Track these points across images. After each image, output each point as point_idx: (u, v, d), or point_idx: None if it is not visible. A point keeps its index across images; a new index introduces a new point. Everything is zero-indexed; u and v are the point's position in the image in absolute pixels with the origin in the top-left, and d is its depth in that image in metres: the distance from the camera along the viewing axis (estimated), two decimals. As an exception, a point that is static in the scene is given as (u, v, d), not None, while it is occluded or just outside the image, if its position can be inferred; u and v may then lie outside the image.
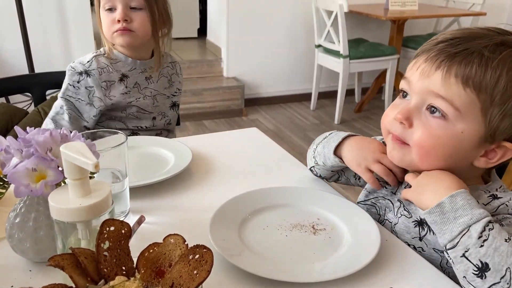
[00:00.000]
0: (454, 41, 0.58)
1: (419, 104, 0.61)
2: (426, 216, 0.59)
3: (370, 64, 3.07)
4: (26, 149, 0.51)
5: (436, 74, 0.58)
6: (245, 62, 3.41)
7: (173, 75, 1.25)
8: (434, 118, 0.60)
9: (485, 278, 0.52)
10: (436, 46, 0.59)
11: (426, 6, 3.38)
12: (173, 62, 1.27)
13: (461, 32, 0.60)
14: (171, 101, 1.25)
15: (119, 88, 1.13)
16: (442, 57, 0.58)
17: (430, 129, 0.60)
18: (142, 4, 1.08)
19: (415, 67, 0.61)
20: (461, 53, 0.57)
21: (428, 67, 0.59)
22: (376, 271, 0.61)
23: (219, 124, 3.17)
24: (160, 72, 1.21)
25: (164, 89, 1.22)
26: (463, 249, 0.54)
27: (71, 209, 0.49)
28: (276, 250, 0.64)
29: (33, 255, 0.58)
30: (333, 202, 0.76)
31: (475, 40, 0.57)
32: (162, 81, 1.22)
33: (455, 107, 0.58)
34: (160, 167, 0.88)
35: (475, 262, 0.53)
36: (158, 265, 0.47)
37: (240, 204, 0.73)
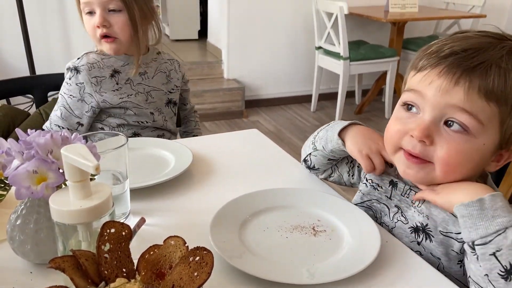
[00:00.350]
0: (468, 54, 0.56)
1: (436, 119, 0.58)
2: (461, 209, 0.57)
3: (370, 66, 3.07)
4: (27, 152, 0.51)
5: (456, 89, 0.55)
6: (245, 63, 3.42)
7: (172, 71, 1.23)
8: (456, 133, 0.58)
9: (509, 280, 0.52)
10: (447, 60, 0.56)
11: (426, 8, 3.39)
12: (171, 60, 1.26)
13: (469, 43, 0.57)
14: (167, 97, 1.22)
15: (110, 84, 1.12)
16: (459, 71, 0.55)
17: (455, 144, 0.58)
18: (120, 6, 1.05)
19: (427, 81, 0.58)
20: (479, 66, 0.55)
21: (446, 82, 0.56)
22: (376, 272, 0.61)
23: (219, 125, 3.18)
24: (157, 67, 1.20)
25: (161, 85, 1.20)
26: (495, 248, 0.53)
27: (72, 211, 0.49)
28: (277, 252, 0.64)
29: (34, 257, 0.58)
30: (333, 204, 0.76)
31: (488, 51, 0.56)
32: (159, 76, 1.20)
33: (479, 121, 0.56)
34: (161, 168, 0.89)
35: (504, 263, 0.53)
36: (159, 267, 0.47)
37: (240, 205, 0.73)
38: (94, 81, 1.10)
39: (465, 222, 0.57)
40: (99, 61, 1.11)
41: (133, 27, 1.07)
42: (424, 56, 0.60)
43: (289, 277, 0.58)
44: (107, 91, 1.11)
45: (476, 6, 3.29)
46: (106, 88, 1.11)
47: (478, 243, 0.55)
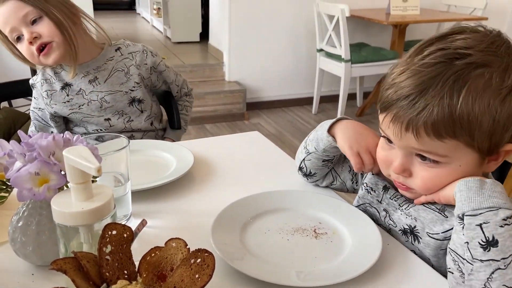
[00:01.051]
0: (410, 99, 0.56)
1: (407, 154, 0.62)
2: (461, 184, 0.58)
3: (371, 68, 3.07)
4: (29, 154, 0.51)
5: (408, 135, 0.58)
6: (247, 66, 3.42)
7: (132, 66, 1.16)
8: (427, 164, 0.61)
9: (488, 251, 0.53)
10: (397, 104, 0.58)
11: (428, 11, 3.39)
12: (134, 52, 1.18)
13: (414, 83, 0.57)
14: (129, 97, 1.16)
15: (60, 96, 1.14)
16: (406, 121, 0.57)
17: (428, 174, 0.61)
18: (37, 13, 1.01)
19: (385, 124, 0.62)
20: (422, 112, 0.56)
21: (397, 129, 0.59)
22: (377, 275, 0.61)
23: (220, 128, 3.18)
24: (114, 67, 1.15)
25: (119, 86, 1.15)
26: (483, 220, 0.54)
27: (74, 213, 0.49)
28: (278, 254, 0.64)
29: (36, 259, 0.58)
30: (334, 206, 0.76)
31: (429, 91, 0.55)
32: (115, 77, 1.15)
33: (441, 155, 0.59)
34: (162, 170, 0.89)
35: (487, 235, 0.54)
36: (160, 269, 0.47)
37: (241, 208, 0.73)
38: (45, 95, 1.14)
39: (461, 196, 0.58)
40: (52, 76, 1.14)
41: (60, 28, 1.03)
42: (381, 96, 0.62)
43: (290, 280, 0.58)
44: (57, 103, 1.14)
45: (477, 8, 3.29)
46: (56, 100, 1.14)
47: (468, 214, 0.56)
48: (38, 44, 1.03)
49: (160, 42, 4.67)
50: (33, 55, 1.05)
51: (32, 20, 1.02)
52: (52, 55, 1.05)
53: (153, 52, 1.21)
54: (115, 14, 6.68)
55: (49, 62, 1.06)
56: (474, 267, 0.54)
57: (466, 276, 0.55)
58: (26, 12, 1.00)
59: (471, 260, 0.54)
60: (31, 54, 1.05)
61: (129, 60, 1.17)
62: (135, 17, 6.75)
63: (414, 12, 3.18)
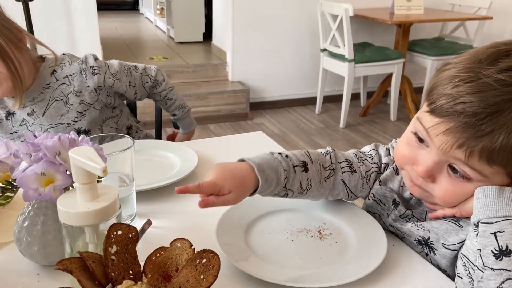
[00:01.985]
0: (477, 119, 0.51)
1: (442, 161, 0.58)
2: (479, 191, 0.56)
3: (375, 68, 3.06)
4: (35, 154, 0.51)
5: (458, 151, 0.54)
6: (250, 66, 3.42)
7: (70, 95, 1.01)
8: (458, 178, 0.57)
9: (500, 260, 0.52)
10: (457, 119, 0.53)
11: (432, 10, 3.38)
12: (71, 75, 1.01)
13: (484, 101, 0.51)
14: (72, 128, 1.02)
15: (7, 127, 1.03)
16: (464, 137, 0.53)
17: (453, 187, 0.58)
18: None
19: (435, 130, 0.55)
20: (485, 137, 0.51)
21: (450, 142, 0.54)
22: (382, 276, 0.61)
23: (224, 128, 3.18)
24: (51, 96, 1.00)
25: (59, 118, 1.01)
26: (498, 228, 0.53)
27: (79, 213, 0.49)
28: (282, 255, 0.64)
29: (41, 259, 0.58)
30: (339, 207, 0.75)
31: (502, 115, 0.51)
32: (54, 108, 1.01)
33: (483, 174, 0.55)
34: (167, 171, 0.89)
35: (501, 243, 0.52)
36: (165, 269, 0.47)
37: (246, 208, 0.73)
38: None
39: (478, 203, 0.56)
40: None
41: (4, 58, 0.89)
42: (438, 98, 0.56)
43: (294, 280, 0.58)
44: (5, 134, 1.03)
45: (482, 8, 3.27)
46: (4, 131, 1.03)
47: (483, 222, 0.54)
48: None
49: (164, 42, 4.67)
50: None
51: None
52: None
53: (94, 66, 1.02)
54: (119, 14, 6.70)
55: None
56: (485, 275, 0.53)
57: (476, 283, 0.54)
58: None
59: (482, 267, 0.53)
60: None
61: (66, 87, 1.01)
62: (139, 17, 6.76)
63: (418, 11, 3.17)
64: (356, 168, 0.72)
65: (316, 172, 0.69)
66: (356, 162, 0.73)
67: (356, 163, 0.73)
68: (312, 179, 0.68)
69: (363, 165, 0.73)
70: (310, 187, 0.68)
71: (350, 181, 0.71)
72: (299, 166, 0.67)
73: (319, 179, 0.69)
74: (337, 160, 0.72)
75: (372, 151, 0.76)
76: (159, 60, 3.69)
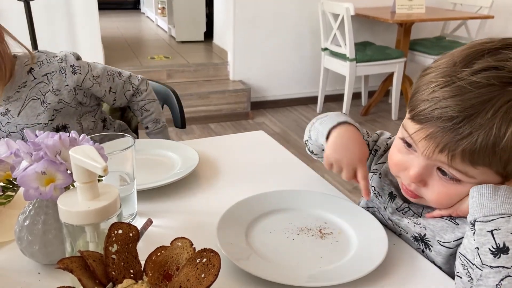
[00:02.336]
0: (455, 123, 0.52)
1: (429, 164, 0.59)
2: (474, 190, 0.56)
3: (376, 67, 3.06)
4: (35, 153, 0.51)
5: (441, 155, 0.55)
6: (251, 65, 3.42)
7: (49, 93, 0.99)
8: (448, 180, 0.58)
9: (498, 257, 0.52)
10: (436, 123, 0.54)
11: (433, 9, 3.37)
12: (51, 73, 0.99)
13: (460, 104, 0.52)
14: (51, 128, 1.00)
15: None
16: (444, 141, 0.53)
17: (445, 189, 0.59)
18: None
19: (417, 136, 0.57)
20: (465, 139, 0.52)
21: (430, 148, 0.55)
22: (383, 275, 0.61)
23: (225, 127, 3.18)
24: (27, 95, 0.97)
25: (36, 117, 0.98)
26: (494, 226, 0.53)
27: (80, 212, 0.49)
28: (283, 254, 0.64)
29: (42, 258, 0.58)
30: (340, 206, 0.75)
31: (477, 118, 0.51)
32: (30, 107, 0.98)
33: (469, 175, 0.56)
34: (167, 170, 0.89)
35: (498, 241, 0.52)
36: (166, 268, 0.47)
37: (246, 207, 0.73)
38: None
39: (473, 202, 0.56)
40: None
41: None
42: (417, 104, 0.56)
43: (295, 279, 0.58)
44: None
45: (483, 7, 3.27)
46: None
47: (479, 220, 0.55)
48: None
49: (165, 41, 4.67)
50: None
51: None
52: None
53: (75, 65, 1.00)
54: (120, 13, 6.71)
55: None
56: (484, 273, 0.53)
57: (475, 281, 0.54)
58: None
59: (481, 266, 0.53)
60: None
61: (45, 85, 0.98)
62: (140, 16, 6.76)
63: (419, 10, 3.17)
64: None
65: None
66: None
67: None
68: None
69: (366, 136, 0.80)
70: None
71: None
72: None
73: None
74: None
75: (375, 135, 0.83)
76: (160, 60, 3.69)
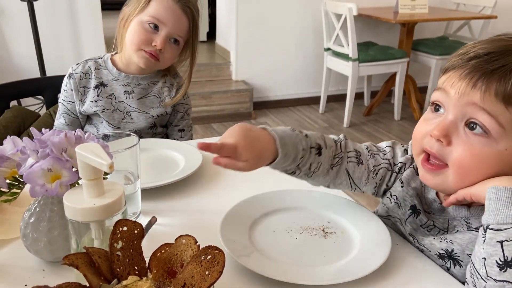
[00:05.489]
0: (489, 57, 0.54)
1: (458, 119, 0.57)
2: (492, 191, 0.54)
3: (379, 67, 3.06)
4: (41, 150, 0.52)
5: (474, 92, 0.54)
6: (254, 65, 3.42)
7: (168, 97, 1.18)
8: (475, 136, 0.56)
9: (504, 271, 0.51)
10: (469, 63, 0.56)
11: (436, 9, 3.36)
12: (171, 85, 1.19)
13: (495, 45, 0.55)
14: (153, 121, 1.16)
15: (92, 94, 1.11)
16: (478, 75, 0.54)
17: (471, 147, 0.56)
18: (181, 43, 1.10)
19: (450, 81, 0.58)
20: (498, 70, 0.53)
21: (465, 84, 0.55)
22: (386, 275, 0.61)
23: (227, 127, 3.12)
24: (151, 91, 1.16)
25: (150, 109, 1.15)
26: (505, 237, 0.52)
27: (85, 209, 0.49)
28: (286, 253, 0.64)
29: (47, 255, 0.59)
30: (343, 206, 0.75)
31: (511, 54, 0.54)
32: (149, 100, 1.15)
33: (499, 124, 0.54)
34: (171, 169, 0.89)
35: (506, 254, 0.51)
36: (170, 265, 0.47)
37: (250, 206, 0.74)
38: (82, 91, 1.12)
39: (489, 205, 0.54)
40: (92, 71, 1.12)
41: (176, 60, 1.13)
42: (452, 58, 0.60)
43: (298, 278, 0.58)
44: (87, 101, 1.12)
45: (487, 7, 3.26)
46: (87, 98, 1.12)
47: (491, 227, 0.53)
48: (156, 53, 1.07)
49: (168, 41, 4.68)
50: (138, 45, 1.07)
51: (175, 38, 1.08)
52: (149, 64, 1.09)
53: (187, 94, 1.23)
54: (123, 13, 6.72)
55: (140, 60, 1.08)
56: (487, 285, 0.52)
57: None
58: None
59: (485, 277, 0.52)
60: (141, 40, 1.07)
61: (168, 91, 1.18)
62: (143, 16, 6.77)
63: (422, 10, 3.16)
64: (364, 160, 0.70)
65: (327, 158, 0.68)
66: (365, 154, 0.71)
67: (366, 156, 0.71)
68: (322, 164, 0.67)
69: (373, 158, 0.71)
70: (317, 171, 0.68)
71: (354, 172, 0.70)
72: (315, 148, 0.67)
73: (328, 165, 0.68)
74: (346, 149, 0.70)
75: (387, 147, 0.74)
76: (163, 60, 3.69)
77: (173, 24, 1.06)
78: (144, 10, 1.06)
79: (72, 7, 2.83)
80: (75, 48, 2.89)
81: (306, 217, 0.73)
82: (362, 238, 0.67)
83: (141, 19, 1.06)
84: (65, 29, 2.85)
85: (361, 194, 2.04)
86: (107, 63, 1.14)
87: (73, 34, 2.88)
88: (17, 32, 2.70)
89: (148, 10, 1.05)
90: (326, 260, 0.63)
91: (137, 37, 1.06)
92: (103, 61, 1.15)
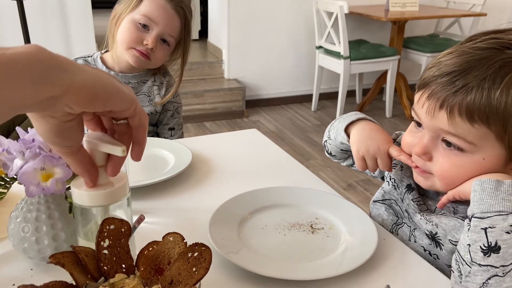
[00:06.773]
0: (451, 77, 0.56)
1: (433, 137, 0.61)
2: (477, 183, 0.57)
3: (371, 65, 3.08)
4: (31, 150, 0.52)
5: (441, 114, 0.57)
6: (246, 63, 3.42)
7: (157, 96, 1.19)
8: (452, 150, 0.59)
9: (488, 256, 0.52)
10: (436, 81, 0.58)
11: (427, 7, 3.39)
12: (160, 84, 1.20)
13: (460, 61, 0.57)
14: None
15: None
16: (443, 95, 0.57)
17: (449, 160, 0.60)
18: (173, 42, 1.10)
19: (420, 103, 0.61)
20: (460, 90, 0.55)
21: (432, 106, 0.58)
22: (373, 269, 0.61)
23: (220, 125, 3.18)
24: (141, 90, 1.16)
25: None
26: (489, 224, 0.53)
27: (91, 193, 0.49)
28: (275, 249, 0.65)
29: (34, 254, 0.59)
30: (331, 202, 0.76)
31: (472, 71, 0.55)
32: (139, 98, 1.17)
33: (469, 142, 0.57)
34: (160, 167, 0.89)
35: (490, 240, 0.53)
36: (157, 262, 0.48)
37: (239, 203, 0.74)
38: None
39: (474, 196, 0.56)
40: (98, 67, 1.14)
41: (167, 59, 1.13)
42: (423, 73, 0.62)
43: (286, 273, 0.59)
44: None
45: (476, 4, 3.29)
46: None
47: (476, 216, 0.55)
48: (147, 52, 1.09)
49: (159, 40, 4.67)
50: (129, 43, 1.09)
51: (165, 39, 1.09)
52: (140, 63, 1.10)
53: (178, 92, 1.23)
54: (114, 12, 6.67)
55: (131, 59, 1.10)
56: (472, 270, 0.54)
57: (464, 277, 0.55)
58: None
59: (470, 263, 0.54)
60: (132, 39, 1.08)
61: (158, 89, 1.18)
62: (134, 15, 6.74)
63: (413, 8, 3.18)
64: None
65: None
66: None
67: None
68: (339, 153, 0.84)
69: None
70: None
71: None
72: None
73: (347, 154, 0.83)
74: None
75: (394, 134, 0.81)
76: (154, 58, 3.68)
77: (165, 24, 1.06)
78: (136, 9, 1.06)
79: (62, 6, 2.81)
80: (65, 46, 2.87)
81: (295, 213, 0.74)
82: (349, 233, 0.68)
83: (133, 18, 1.06)
84: (56, 27, 2.83)
85: (351, 191, 2.05)
86: (97, 62, 1.14)
87: (63, 32, 2.86)
88: (6, 31, 2.68)
89: (140, 8, 1.05)
90: (314, 256, 0.63)
91: (129, 35, 1.06)
92: (93, 59, 1.15)
